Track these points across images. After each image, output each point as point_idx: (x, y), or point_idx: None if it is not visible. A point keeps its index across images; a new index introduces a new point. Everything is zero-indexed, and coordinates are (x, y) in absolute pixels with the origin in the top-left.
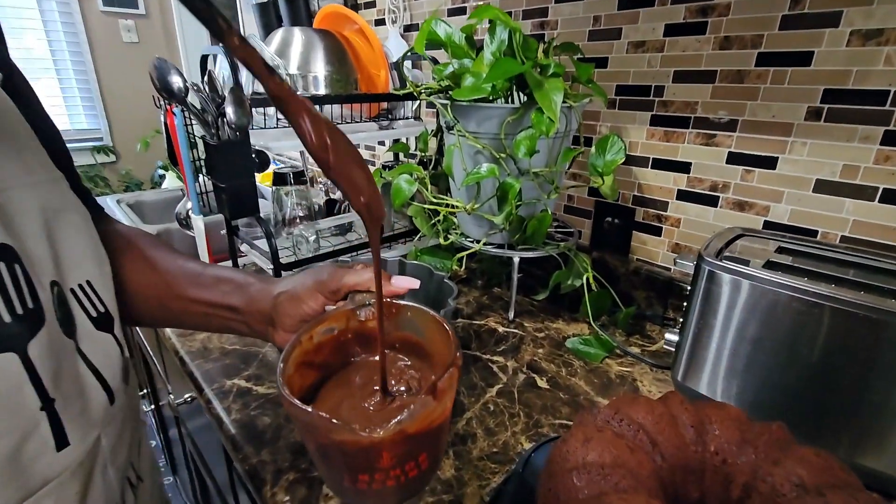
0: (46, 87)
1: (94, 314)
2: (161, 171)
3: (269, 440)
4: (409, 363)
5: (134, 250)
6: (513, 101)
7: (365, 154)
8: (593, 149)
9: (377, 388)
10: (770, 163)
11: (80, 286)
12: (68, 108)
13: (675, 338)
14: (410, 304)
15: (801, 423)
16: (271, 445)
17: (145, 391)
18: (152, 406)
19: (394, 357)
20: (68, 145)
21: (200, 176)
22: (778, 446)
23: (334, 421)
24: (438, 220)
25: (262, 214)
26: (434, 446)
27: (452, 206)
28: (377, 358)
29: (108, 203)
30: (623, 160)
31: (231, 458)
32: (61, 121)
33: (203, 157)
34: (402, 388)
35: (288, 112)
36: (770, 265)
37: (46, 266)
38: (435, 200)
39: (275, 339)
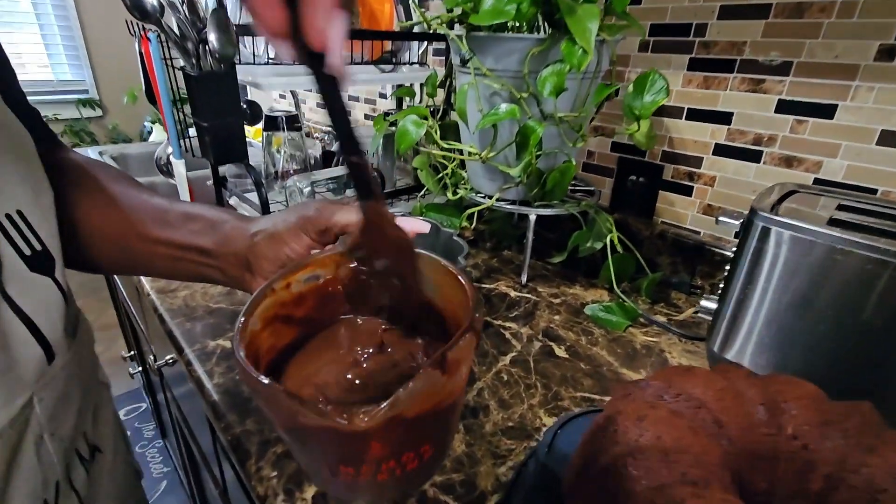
0: (28, 36)
1: (27, 252)
2: (149, 126)
3: (255, 408)
4: (416, 325)
5: (90, 183)
6: (537, 33)
7: (363, 108)
8: (630, 87)
9: (371, 351)
10: (827, 111)
11: (9, 216)
12: (51, 57)
13: (711, 305)
14: (419, 251)
15: (858, 397)
16: (257, 414)
17: (132, 352)
18: (140, 368)
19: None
20: (52, 97)
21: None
22: (871, 431)
23: (301, 401)
24: (446, 174)
25: (251, 163)
26: (442, 432)
27: (465, 154)
28: (376, 321)
29: (90, 155)
30: (665, 100)
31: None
32: (44, 72)
33: (184, 94)
34: (406, 357)
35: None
36: (835, 223)
37: None
38: (446, 146)
39: (252, 287)
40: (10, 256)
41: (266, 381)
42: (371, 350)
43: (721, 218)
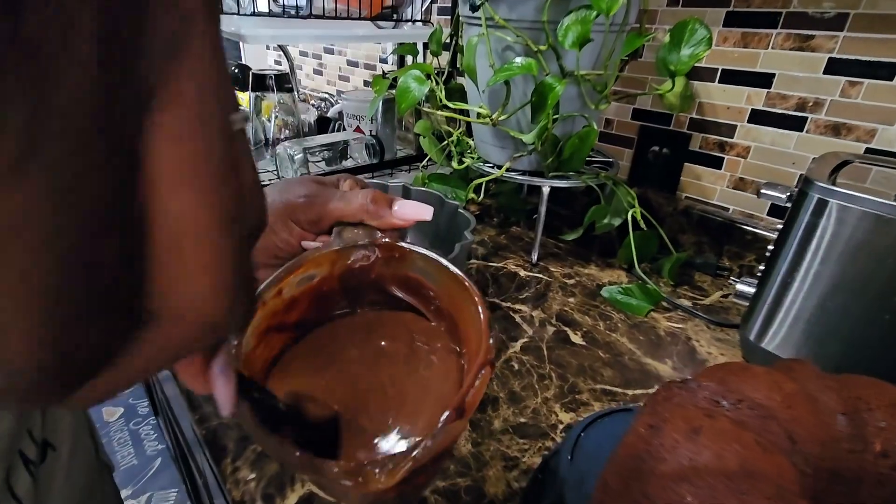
0: None
1: None
2: None
3: None
4: (422, 324)
5: None
6: None
7: (363, 74)
8: (666, 40)
9: (372, 351)
10: (886, 71)
11: None
12: None
13: (748, 289)
14: (422, 251)
15: None
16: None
17: None
18: None
19: (399, 316)
20: None
21: None
22: None
23: (317, 465)
24: (451, 142)
25: None
26: (442, 461)
27: (473, 116)
28: (375, 312)
29: None
30: (707, 53)
31: None
32: None
33: None
34: (409, 351)
35: None
36: None
37: None
38: (452, 107)
39: None
40: None
41: (281, 442)
42: (372, 350)
43: (764, 190)
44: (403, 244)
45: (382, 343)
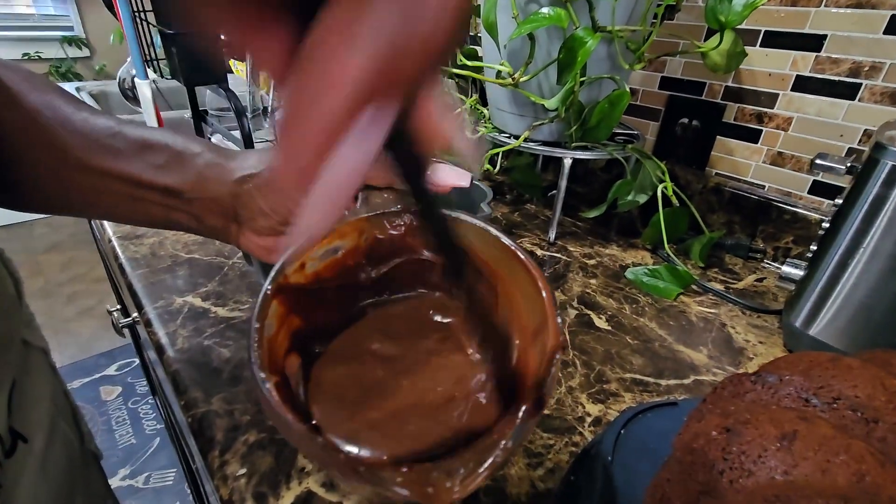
0: None
1: None
2: None
3: (225, 381)
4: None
5: (6, 93)
6: None
7: None
8: None
9: (411, 352)
10: None
11: None
12: None
13: (796, 272)
14: (466, 217)
15: None
16: (228, 390)
17: (119, 307)
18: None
19: (440, 301)
20: (33, 34)
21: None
22: None
23: (377, 472)
24: (465, 111)
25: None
26: None
27: (492, 75)
28: (418, 297)
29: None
30: (765, 1)
31: None
32: (24, 5)
33: None
34: (456, 352)
35: None
36: None
37: None
38: (470, 65)
39: (239, 241)
40: None
41: (320, 440)
42: (410, 342)
43: (819, 161)
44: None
45: (422, 331)
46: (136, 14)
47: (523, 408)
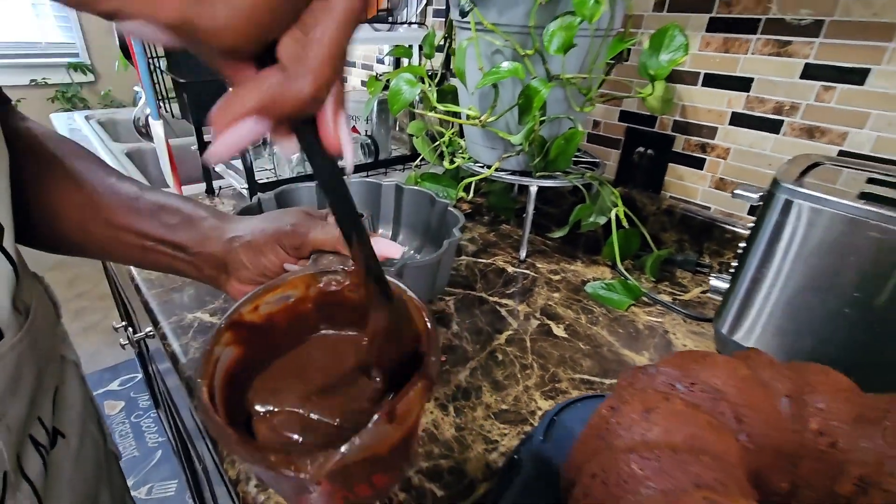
0: None
1: None
2: (142, 93)
3: None
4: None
5: (49, 157)
6: None
7: (360, 74)
8: (646, 45)
9: (338, 371)
10: (858, 77)
11: None
12: (38, 17)
13: (722, 284)
14: (390, 280)
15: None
16: None
17: (124, 323)
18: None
19: (360, 342)
20: (40, 60)
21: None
22: None
23: (255, 452)
24: (443, 143)
25: None
26: (395, 463)
27: (463, 118)
28: (344, 333)
29: (77, 119)
30: (684, 59)
31: None
32: (31, 32)
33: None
34: (379, 373)
35: None
36: (866, 197)
37: None
38: (442, 108)
39: (228, 289)
40: None
41: (226, 427)
42: (339, 369)
43: (738, 191)
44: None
45: (349, 358)
46: (151, 61)
47: (375, 417)
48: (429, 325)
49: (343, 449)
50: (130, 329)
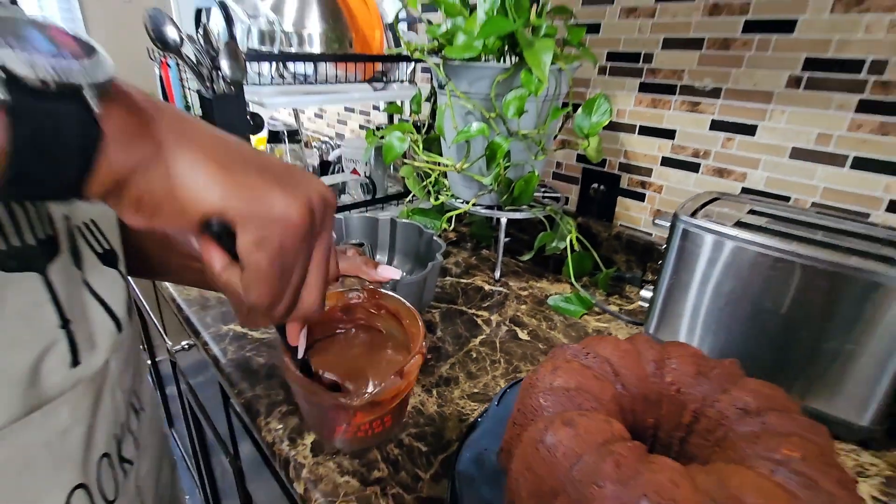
0: None
1: (99, 250)
2: None
3: (263, 377)
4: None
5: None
6: (505, 62)
7: (358, 119)
8: (580, 110)
9: (359, 350)
10: (750, 130)
11: (86, 224)
12: None
13: (649, 294)
14: (390, 294)
15: (761, 370)
16: (265, 382)
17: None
18: (149, 361)
19: (373, 334)
20: None
21: None
22: (729, 379)
23: (328, 393)
24: (430, 182)
25: None
26: (398, 411)
27: (443, 165)
28: (359, 328)
29: None
30: (608, 122)
31: (228, 408)
32: None
33: (199, 112)
34: (382, 354)
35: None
36: (740, 224)
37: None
38: (426, 159)
39: None
40: (88, 253)
41: (310, 381)
42: (359, 349)
43: (657, 221)
44: (381, 290)
45: (366, 345)
46: (182, 81)
47: (392, 375)
48: (420, 322)
49: (373, 389)
50: (169, 343)
